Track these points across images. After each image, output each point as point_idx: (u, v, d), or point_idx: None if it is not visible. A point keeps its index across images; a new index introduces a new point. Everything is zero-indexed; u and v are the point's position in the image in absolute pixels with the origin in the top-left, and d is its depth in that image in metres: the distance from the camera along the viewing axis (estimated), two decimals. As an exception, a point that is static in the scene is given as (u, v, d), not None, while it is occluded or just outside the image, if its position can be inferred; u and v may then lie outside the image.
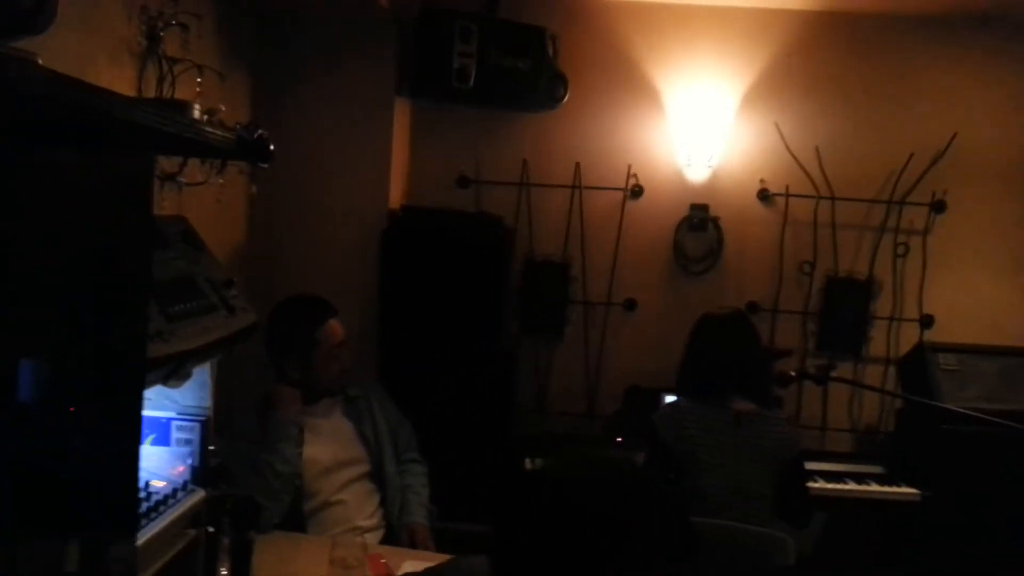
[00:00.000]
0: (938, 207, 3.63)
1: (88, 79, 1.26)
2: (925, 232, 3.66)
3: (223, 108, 2.28)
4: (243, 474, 2.35)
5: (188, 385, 1.83)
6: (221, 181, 2.52)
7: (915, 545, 3.17)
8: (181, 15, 2.32)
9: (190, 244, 1.98)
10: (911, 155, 3.60)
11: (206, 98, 2.41)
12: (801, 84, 3.64)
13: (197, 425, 1.84)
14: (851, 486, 3.28)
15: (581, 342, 3.73)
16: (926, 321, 3.67)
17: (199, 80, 2.36)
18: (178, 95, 2.29)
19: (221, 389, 2.03)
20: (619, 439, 3.52)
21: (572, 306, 3.72)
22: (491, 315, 3.34)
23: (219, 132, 1.65)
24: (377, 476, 2.74)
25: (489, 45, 3.29)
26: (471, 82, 3.28)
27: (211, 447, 1.96)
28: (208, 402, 1.87)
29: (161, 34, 2.26)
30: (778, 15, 3.62)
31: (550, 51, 3.41)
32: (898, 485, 3.28)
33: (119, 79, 2.11)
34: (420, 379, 3.19)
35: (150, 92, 2.24)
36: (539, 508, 1.18)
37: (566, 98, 3.46)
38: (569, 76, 3.49)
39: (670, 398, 3.35)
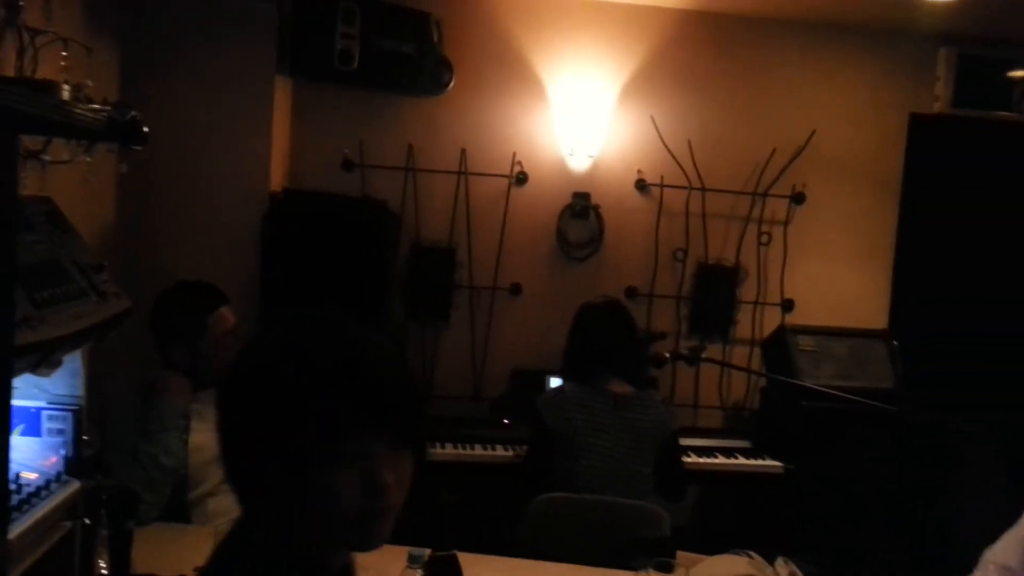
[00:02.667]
0: (798, 199, 3.90)
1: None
2: (786, 222, 3.92)
3: (90, 84, 2.14)
4: (122, 464, 2.24)
5: (59, 373, 1.73)
6: (89, 160, 2.37)
7: (779, 513, 3.40)
8: (44, -19, 2.18)
9: (57, 227, 1.87)
10: (774, 150, 3.84)
11: (72, 73, 2.27)
12: (675, 79, 3.81)
13: (69, 415, 1.74)
14: (720, 460, 3.49)
15: (467, 326, 3.77)
16: (787, 305, 3.93)
17: (64, 54, 2.22)
18: (41, 70, 2.14)
19: (94, 377, 1.93)
20: (506, 420, 3.60)
21: (458, 291, 3.75)
22: (375, 301, 3.31)
23: (89, 114, 1.56)
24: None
25: (372, 27, 3.26)
26: (355, 64, 3.25)
27: (85, 437, 1.87)
28: (80, 391, 1.78)
29: (21, 3, 2.10)
30: (654, 12, 3.77)
31: (435, 36, 3.41)
32: (763, 458, 3.51)
33: (-25, 48, 1.95)
34: (304, 365, 3.12)
35: (9, 67, 2.09)
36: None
37: (452, 84, 3.48)
38: (455, 62, 3.50)
39: (555, 380, 3.47)
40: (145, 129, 2.00)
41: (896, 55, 3.90)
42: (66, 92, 1.74)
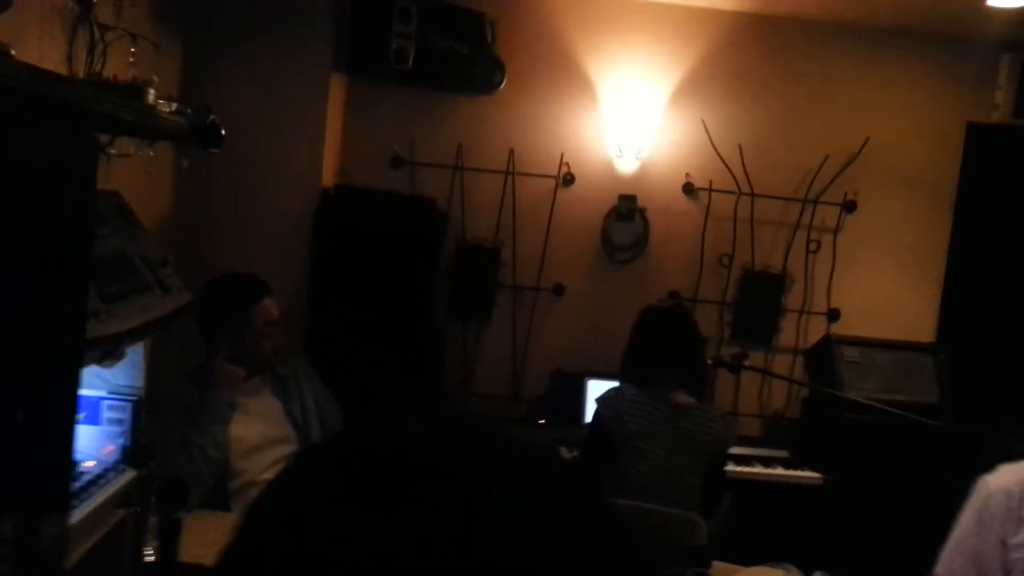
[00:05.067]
0: (849, 207, 3.85)
1: (17, 47, 1.23)
2: (836, 231, 3.87)
3: (156, 79, 2.22)
4: (170, 452, 2.32)
5: (121, 365, 1.81)
6: (152, 153, 2.46)
7: (817, 525, 3.38)
8: (114, -19, 2.25)
9: (124, 220, 1.94)
10: (826, 156, 3.79)
11: (139, 69, 2.35)
12: (727, 82, 3.78)
13: (128, 405, 1.81)
14: (759, 469, 3.47)
15: (509, 325, 3.80)
16: (833, 315, 3.89)
17: (132, 50, 2.29)
18: (110, 65, 2.22)
19: (152, 368, 2.01)
20: (542, 421, 3.62)
21: (501, 290, 3.78)
22: (422, 298, 3.36)
23: (173, 117, 1.62)
24: (305, 455, 2.74)
25: (428, 27, 3.29)
26: (409, 63, 3.29)
27: (142, 426, 1.94)
28: (140, 382, 1.85)
29: (93, 0, 2.18)
30: (708, 14, 3.74)
31: (488, 36, 3.44)
32: (802, 469, 3.49)
33: (49, 48, 2.03)
34: (347, 360, 3.18)
35: (80, 62, 2.17)
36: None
37: (503, 84, 3.50)
38: (506, 62, 3.52)
39: (594, 383, 3.48)
40: (223, 132, 2.06)
41: (955, 62, 3.81)
42: (151, 95, 1.80)
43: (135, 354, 1.83)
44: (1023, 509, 1.76)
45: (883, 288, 3.91)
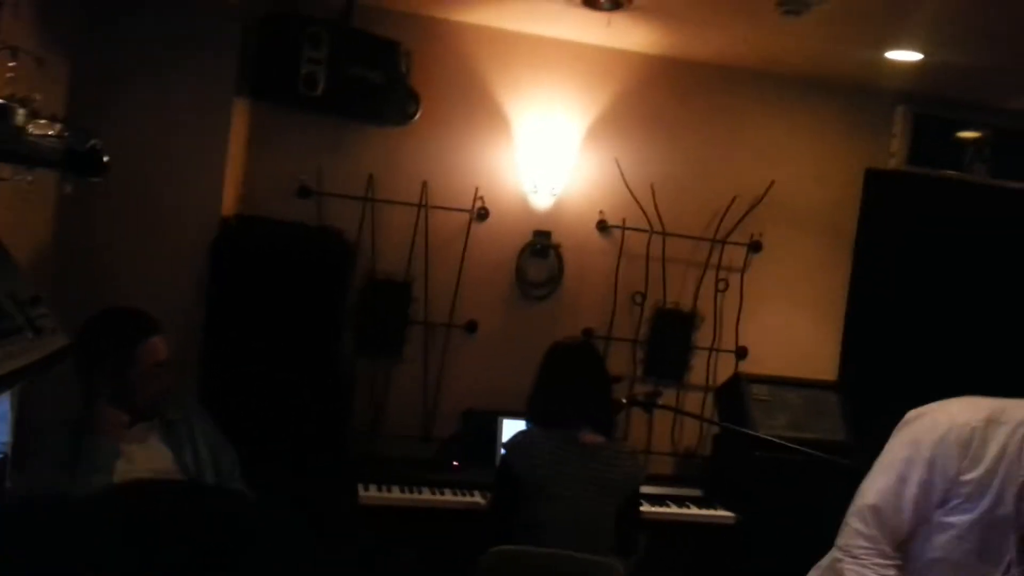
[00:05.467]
0: (755, 247, 3.92)
1: None
2: (743, 270, 3.93)
3: (38, 98, 2.02)
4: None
5: (-16, 415, 1.59)
6: (29, 179, 2.23)
7: (731, 565, 3.37)
8: (-7, -12, 2.04)
9: (-8, 252, 1.73)
10: (734, 198, 3.86)
11: (19, 85, 2.13)
12: (640, 123, 3.81)
13: (-7, 462, 1.59)
14: (673, 509, 3.44)
15: (420, 363, 3.67)
16: (741, 352, 3.94)
17: (12, 64, 2.08)
18: (-15, 78, 2.00)
19: (23, 417, 1.78)
20: (455, 463, 3.49)
21: (413, 326, 3.65)
22: (327, 334, 3.20)
23: (43, 141, 1.44)
24: (198, 507, 2.52)
25: (340, 54, 3.17)
26: (319, 90, 3.15)
27: (8, 484, 1.72)
28: (6, 436, 1.63)
29: (-34, 8, 1.97)
30: (622, 55, 3.78)
31: (403, 66, 3.35)
32: (715, 508, 3.48)
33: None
34: (246, 403, 2.97)
35: (-51, 72, 1.95)
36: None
37: (418, 115, 3.41)
38: (421, 94, 3.43)
39: (508, 422, 3.39)
40: (105, 159, 1.88)
41: (855, 111, 3.97)
42: (20, 116, 1.62)
43: (1, 405, 1.62)
44: (984, 446, 1.73)
45: (788, 327, 4.00)
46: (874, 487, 1.83)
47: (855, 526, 1.83)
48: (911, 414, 1.90)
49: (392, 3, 3.46)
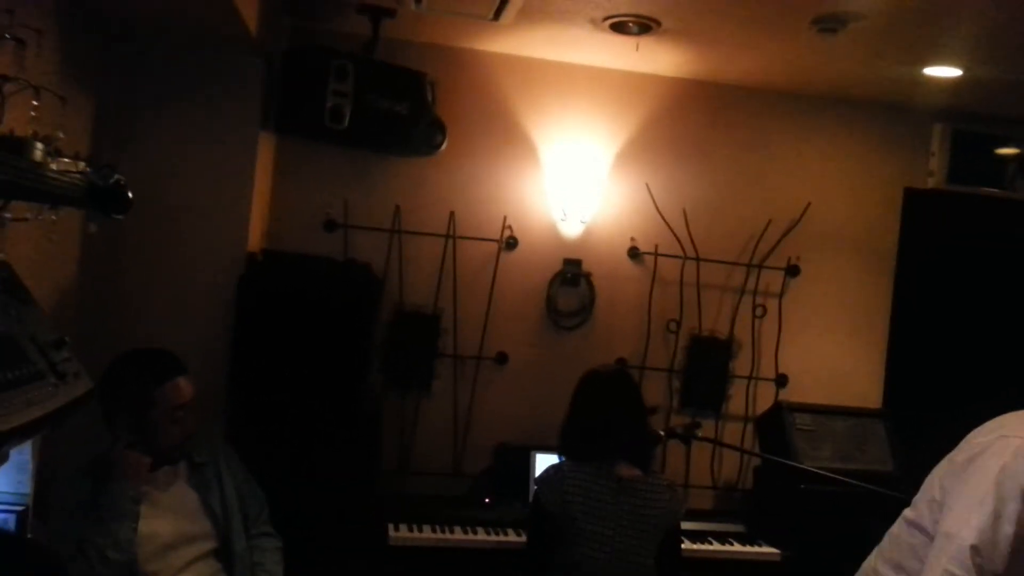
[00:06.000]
0: (793, 271, 3.81)
1: None
2: (781, 295, 3.82)
3: (62, 136, 1.98)
4: (65, 555, 2.00)
5: (2, 469, 1.53)
6: (53, 218, 2.19)
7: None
8: (17, 28, 2.02)
9: (13, 296, 1.68)
10: (769, 221, 3.76)
11: (42, 124, 2.10)
12: (671, 147, 3.73)
13: (12, 517, 1.53)
14: (714, 546, 3.31)
15: (450, 397, 3.58)
16: (781, 380, 3.81)
17: (35, 103, 2.05)
18: (9, 119, 1.97)
19: (44, 466, 1.72)
20: (487, 499, 3.39)
21: (442, 359, 3.57)
22: (355, 370, 3.12)
23: (65, 178, 1.39)
24: (224, 553, 2.45)
25: (366, 86, 3.13)
26: (345, 122, 3.11)
27: (29, 536, 1.65)
28: (28, 487, 1.56)
29: (-10, 47, 1.94)
30: (649, 80, 3.71)
31: (429, 96, 3.30)
32: (759, 545, 3.34)
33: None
34: (274, 442, 2.90)
35: (-27, 113, 1.92)
36: None
37: (444, 145, 3.36)
38: (446, 123, 3.39)
39: (541, 456, 3.29)
40: (130, 195, 1.83)
41: (892, 130, 3.87)
42: (39, 152, 1.57)
43: (21, 455, 1.55)
44: None
45: (829, 353, 3.87)
46: (969, 524, 1.63)
47: (952, 570, 1.64)
48: (983, 438, 1.75)
49: (415, 35, 3.43)
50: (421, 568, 3.01)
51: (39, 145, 1.49)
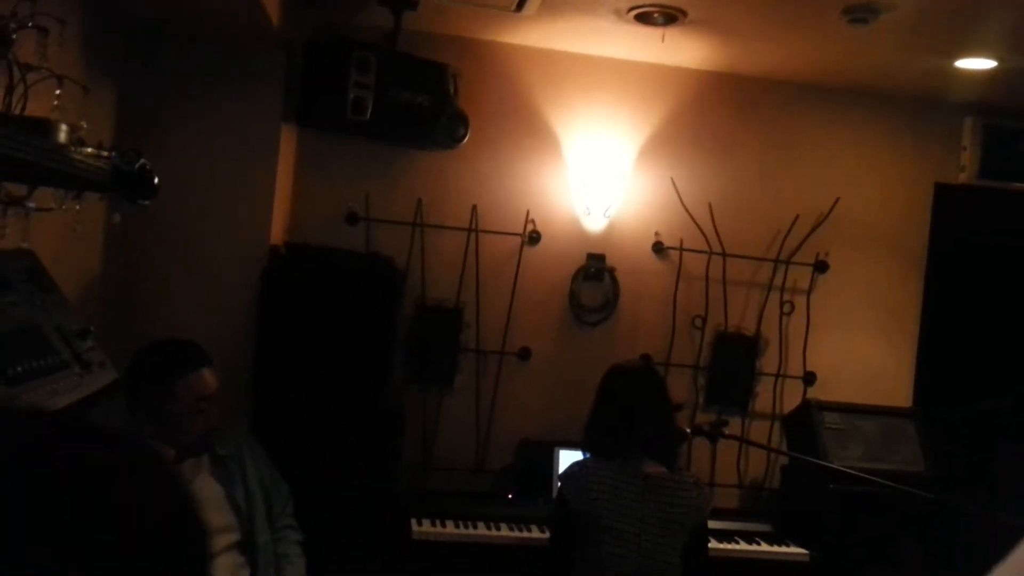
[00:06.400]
0: (821, 267, 3.74)
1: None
2: (809, 291, 3.75)
3: (84, 126, 1.97)
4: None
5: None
6: (77, 207, 2.19)
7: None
8: (40, 17, 2.01)
9: (37, 285, 1.67)
10: (797, 216, 3.70)
11: (65, 113, 2.09)
12: (696, 141, 3.68)
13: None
14: (741, 545, 3.25)
15: (472, 392, 3.55)
16: (809, 378, 3.74)
17: (58, 92, 2.04)
18: (31, 109, 1.96)
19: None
20: (510, 495, 3.36)
21: (464, 354, 3.54)
22: (379, 365, 3.11)
23: (90, 161, 1.38)
24: (248, 546, 2.43)
25: (388, 78, 3.11)
26: (367, 115, 3.09)
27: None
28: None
29: (13, 36, 1.93)
30: (674, 72, 3.66)
31: (451, 89, 3.27)
32: (787, 545, 3.28)
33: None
34: (297, 434, 2.89)
35: (-3, 103, 1.91)
36: None
37: (466, 138, 3.33)
38: (469, 116, 3.36)
39: (565, 453, 3.25)
40: (155, 180, 1.82)
41: (922, 123, 3.79)
42: (63, 133, 1.56)
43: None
44: None
45: (858, 350, 3.79)
46: None
47: None
48: None
49: (437, 27, 3.40)
50: (444, 563, 2.98)
51: (64, 127, 1.47)
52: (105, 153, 1.61)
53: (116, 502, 0.57)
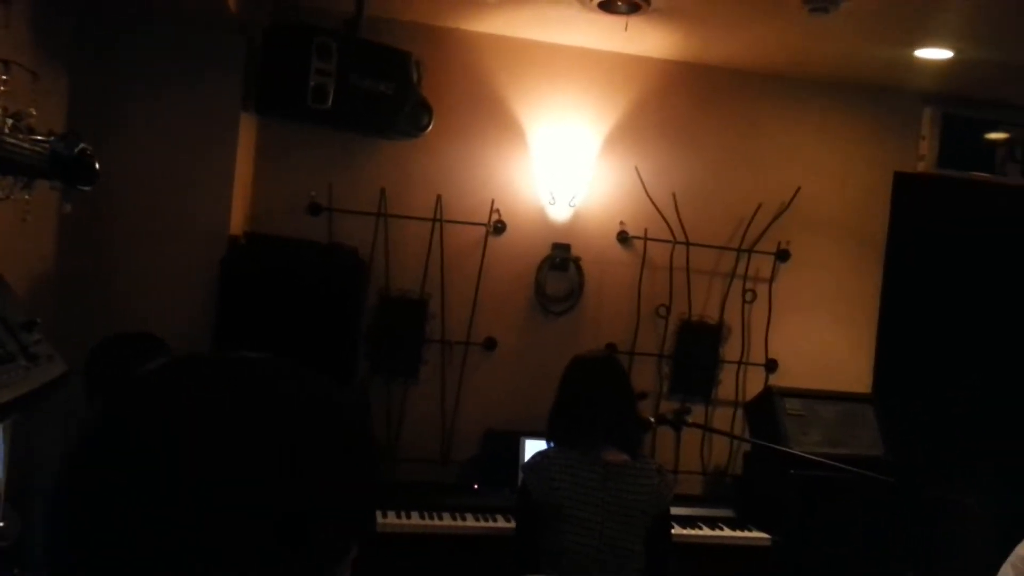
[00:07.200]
0: (782, 256, 3.78)
1: None
2: (771, 279, 3.79)
3: (34, 113, 1.92)
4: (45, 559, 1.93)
5: (-26, 452, 1.47)
6: (27, 198, 2.12)
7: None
8: (-15, -2, 1.95)
9: (-17, 275, 1.62)
10: (759, 205, 3.73)
11: (13, 99, 2.03)
12: (660, 130, 3.68)
13: (-16, 503, 1.47)
14: (704, 531, 3.29)
15: (438, 383, 3.54)
16: (771, 365, 3.79)
17: (4, 78, 1.98)
18: (-24, 93, 1.90)
19: (18, 451, 1.67)
20: (475, 485, 3.35)
21: (429, 345, 3.53)
22: (342, 356, 3.08)
23: (26, 144, 1.33)
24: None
25: (350, 65, 3.06)
26: (329, 102, 3.04)
27: (1, 524, 1.59)
28: (0, 473, 1.51)
29: (-43, 19, 1.87)
30: (640, 61, 3.66)
31: (415, 77, 3.24)
32: (748, 530, 3.32)
33: None
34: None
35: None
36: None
37: (430, 127, 3.30)
38: (432, 105, 3.33)
39: (530, 443, 3.25)
40: (96, 165, 1.77)
41: (882, 113, 3.84)
42: (-2, 118, 1.50)
43: (-8, 440, 1.50)
44: None
45: (818, 337, 3.84)
46: None
47: None
48: None
49: (400, 13, 3.36)
50: (410, 554, 2.97)
51: None
52: (41, 137, 1.56)
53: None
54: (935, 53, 3.32)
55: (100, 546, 0.59)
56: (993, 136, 3.90)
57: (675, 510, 3.28)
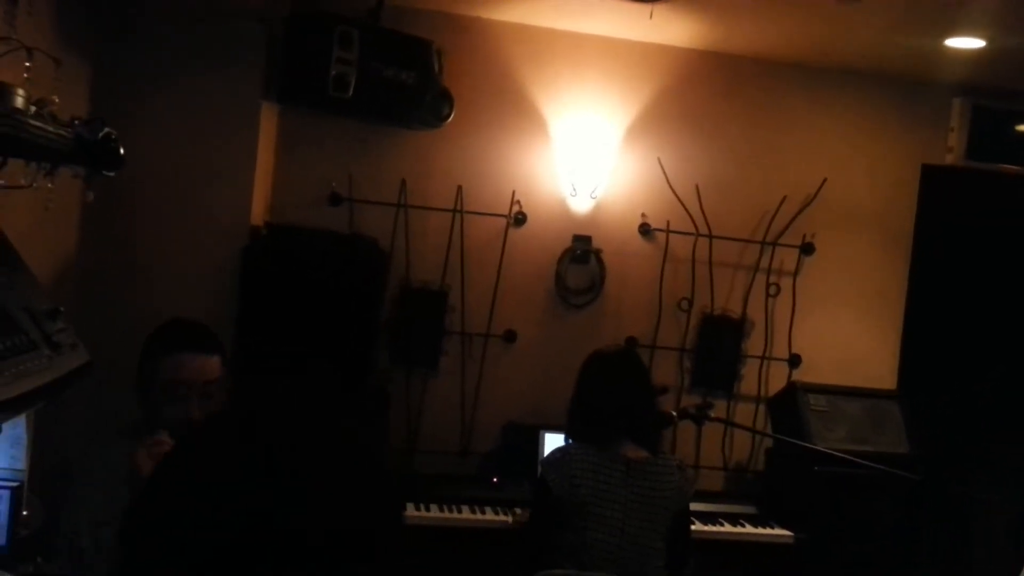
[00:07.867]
0: (807, 249, 3.73)
1: None
2: (795, 273, 3.73)
3: (56, 100, 1.90)
4: (75, 552, 1.84)
5: (-3, 441, 1.47)
6: (50, 186, 2.12)
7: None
8: (8, -15, 1.94)
9: (5, 264, 1.61)
10: (784, 198, 3.67)
11: (36, 86, 2.02)
12: (683, 121, 3.64)
13: (7, 493, 1.46)
14: (726, 528, 3.25)
15: (457, 375, 3.52)
16: (794, 361, 3.74)
17: (28, 64, 1.97)
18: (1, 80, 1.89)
19: (44, 442, 1.66)
20: (495, 479, 3.34)
21: (449, 336, 3.51)
22: (362, 348, 3.07)
23: (50, 128, 1.32)
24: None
25: (371, 54, 3.05)
26: (350, 92, 3.02)
27: (24, 512, 1.58)
28: (22, 463, 1.49)
29: (-22, 6, 1.87)
30: (662, 50, 3.61)
31: (436, 66, 3.21)
32: (771, 527, 3.28)
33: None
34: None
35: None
36: None
37: (451, 117, 3.27)
38: (454, 95, 3.30)
39: (550, 436, 3.23)
40: (120, 150, 1.76)
41: (910, 104, 3.77)
42: (19, 98, 1.49)
43: (15, 429, 1.49)
44: None
45: (843, 333, 3.79)
46: None
47: None
48: None
49: (421, 1, 3.33)
50: (429, 547, 2.95)
51: (20, 91, 1.40)
52: (66, 121, 1.55)
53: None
54: (966, 42, 3.24)
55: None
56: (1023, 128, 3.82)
57: (696, 506, 3.27)
